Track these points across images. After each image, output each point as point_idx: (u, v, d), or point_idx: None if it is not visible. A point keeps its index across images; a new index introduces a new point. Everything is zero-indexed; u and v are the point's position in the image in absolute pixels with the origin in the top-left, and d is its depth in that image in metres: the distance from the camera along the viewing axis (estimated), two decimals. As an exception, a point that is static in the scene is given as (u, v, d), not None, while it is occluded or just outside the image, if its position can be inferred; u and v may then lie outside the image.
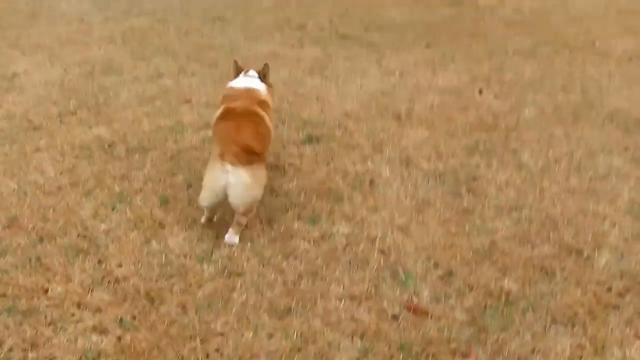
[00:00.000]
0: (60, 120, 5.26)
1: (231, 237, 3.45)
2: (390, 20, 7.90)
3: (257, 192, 3.41)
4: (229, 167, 3.26)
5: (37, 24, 8.20)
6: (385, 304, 3.02)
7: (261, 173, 3.43)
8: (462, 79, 6.12)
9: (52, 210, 3.78)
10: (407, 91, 5.78)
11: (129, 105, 5.46)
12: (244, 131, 3.41)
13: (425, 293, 3.11)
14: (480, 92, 5.84)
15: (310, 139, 4.74)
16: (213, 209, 3.57)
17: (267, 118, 3.63)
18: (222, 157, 3.28)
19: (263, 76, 3.97)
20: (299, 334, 2.81)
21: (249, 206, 3.40)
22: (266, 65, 3.99)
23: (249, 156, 3.31)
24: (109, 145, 4.72)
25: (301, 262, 3.31)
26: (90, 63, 6.55)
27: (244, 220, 3.46)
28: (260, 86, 3.89)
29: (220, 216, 3.64)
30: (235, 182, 3.27)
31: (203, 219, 3.61)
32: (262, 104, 3.71)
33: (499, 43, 7.19)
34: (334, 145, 4.66)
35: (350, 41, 7.14)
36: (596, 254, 3.43)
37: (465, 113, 5.35)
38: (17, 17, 8.54)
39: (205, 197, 3.37)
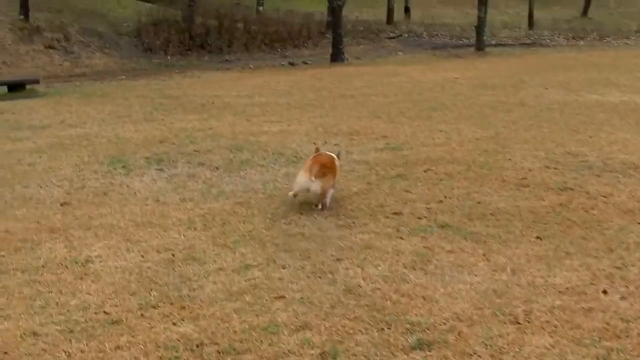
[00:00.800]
0: (142, 314, 5.40)
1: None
2: (494, 208, 8.03)
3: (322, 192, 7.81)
4: (312, 178, 7.68)
5: (109, 202, 8.59)
6: None
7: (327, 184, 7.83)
8: (581, 277, 6.13)
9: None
10: (522, 290, 5.81)
11: (216, 299, 5.60)
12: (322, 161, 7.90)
13: None
14: (605, 292, 5.82)
15: (420, 345, 4.75)
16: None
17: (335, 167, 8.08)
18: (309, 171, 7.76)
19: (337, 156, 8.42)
20: None
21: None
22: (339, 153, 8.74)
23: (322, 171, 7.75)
24: (197, 346, 4.80)
25: None
26: (169, 249, 6.79)
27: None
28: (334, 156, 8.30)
29: None
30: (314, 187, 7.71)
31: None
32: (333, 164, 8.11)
33: (616, 235, 7.20)
34: (448, 353, 4.66)
35: (452, 231, 7.26)
36: None
37: (591, 317, 5.33)
38: (88, 194, 8.96)
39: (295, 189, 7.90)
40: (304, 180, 7.75)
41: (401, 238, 7.09)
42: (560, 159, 10.28)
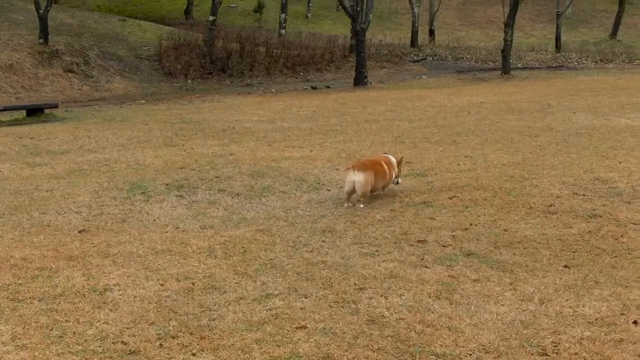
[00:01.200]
0: (160, 344, 5.41)
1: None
2: (521, 236, 8.00)
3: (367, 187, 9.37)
4: (356, 171, 9.31)
5: (128, 230, 8.63)
6: None
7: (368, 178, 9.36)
8: (611, 307, 6.08)
9: None
10: (550, 321, 5.77)
11: (236, 330, 5.60)
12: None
13: None
14: (635, 323, 5.77)
15: (446, 378, 4.73)
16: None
17: (385, 167, 9.68)
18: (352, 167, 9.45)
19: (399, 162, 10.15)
20: None
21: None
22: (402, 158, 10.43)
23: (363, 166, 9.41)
24: (218, 377, 4.80)
25: None
26: (189, 278, 6.80)
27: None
28: (394, 160, 10.03)
29: None
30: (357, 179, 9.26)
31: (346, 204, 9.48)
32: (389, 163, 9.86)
33: (648, 264, 7.15)
34: (474, 386, 4.62)
35: (478, 260, 7.24)
36: None
37: (621, 348, 5.29)
38: (106, 221, 9.01)
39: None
40: (347, 175, 9.59)
41: (426, 267, 7.07)
42: (588, 186, 10.25)
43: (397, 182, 10.25)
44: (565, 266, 7.09)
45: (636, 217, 8.72)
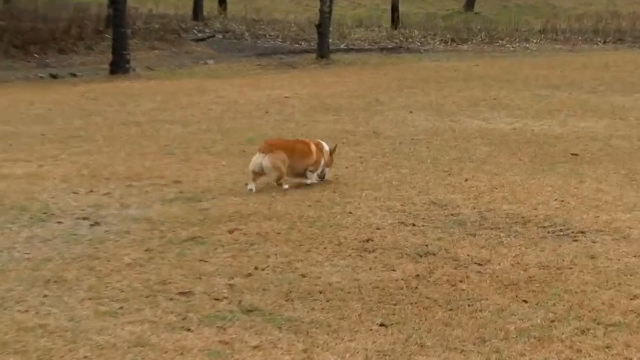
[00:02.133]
0: None
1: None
2: (324, 283, 8.11)
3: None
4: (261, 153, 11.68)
5: None
6: None
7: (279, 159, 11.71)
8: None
9: None
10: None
11: None
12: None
13: None
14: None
15: None
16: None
17: (312, 147, 12.05)
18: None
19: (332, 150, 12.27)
20: None
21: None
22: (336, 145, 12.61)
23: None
24: None
25: None
26: None
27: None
28: (326, 146, 12.22)
29: None
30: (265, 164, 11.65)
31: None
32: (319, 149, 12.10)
33: (492, 319, 7.40)
34: None
35: (262, 318, 7.29)
36: None
37: None
38: None
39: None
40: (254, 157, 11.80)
41: (189, 329, 7.05)
42: (421, 212, 10.54)
43: (324, 175, 12.22)
44: (382, 324, 7.24)
45: (482, 254, 9.02)
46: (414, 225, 10.03)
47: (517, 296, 7.92)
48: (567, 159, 13.99)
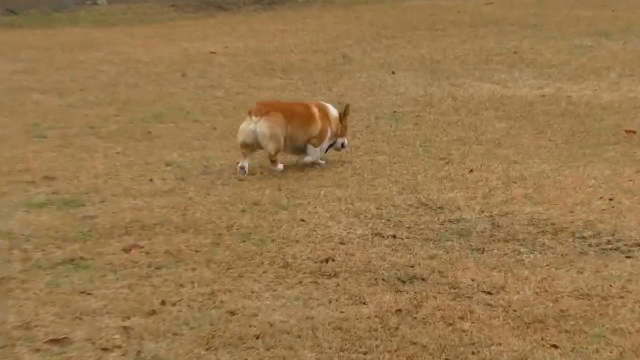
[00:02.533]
0: None
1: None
2: (261, 321, 8.04)
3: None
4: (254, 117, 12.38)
5: None
6: None
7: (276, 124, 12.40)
8: None
9: None
10: None
11: None
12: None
13: None
14: None
15: None
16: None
17: (314, 110, 12.88)
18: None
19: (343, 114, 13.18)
20: None
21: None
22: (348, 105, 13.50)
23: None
24: None
25: None
26: None
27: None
28: (333, 110, 13.14)
29: None
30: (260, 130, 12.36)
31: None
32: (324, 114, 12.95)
33: None
34: None
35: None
36: None
37: None
38: None
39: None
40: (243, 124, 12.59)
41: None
42: (406, 218, 10.56)
43: (343, 145, 13.12)
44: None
45: (492, 279, 8.97)
46: (394, 237, 10.00)
47: (543, 339, 7.93)
48: (619, 139, 14.05)
